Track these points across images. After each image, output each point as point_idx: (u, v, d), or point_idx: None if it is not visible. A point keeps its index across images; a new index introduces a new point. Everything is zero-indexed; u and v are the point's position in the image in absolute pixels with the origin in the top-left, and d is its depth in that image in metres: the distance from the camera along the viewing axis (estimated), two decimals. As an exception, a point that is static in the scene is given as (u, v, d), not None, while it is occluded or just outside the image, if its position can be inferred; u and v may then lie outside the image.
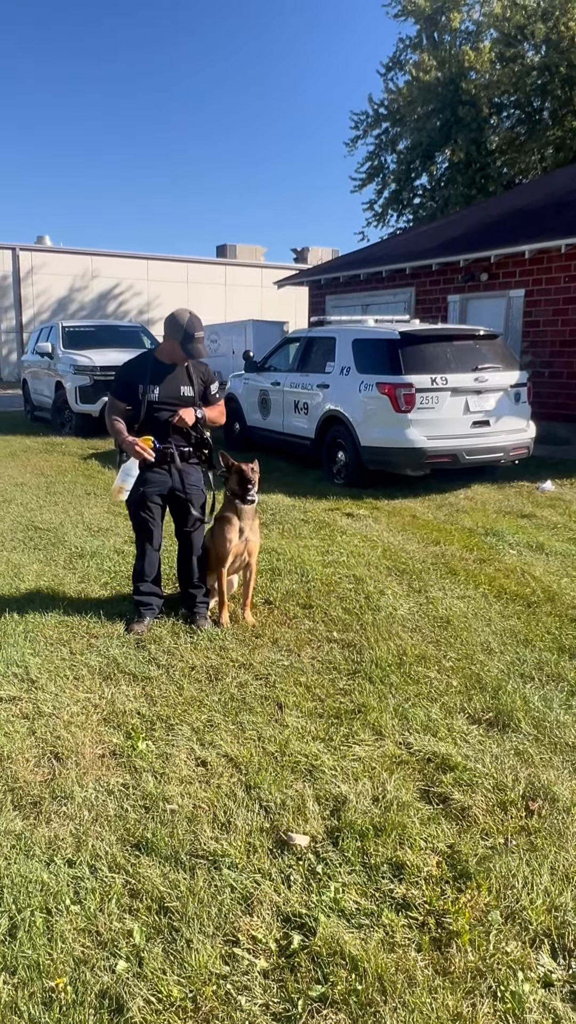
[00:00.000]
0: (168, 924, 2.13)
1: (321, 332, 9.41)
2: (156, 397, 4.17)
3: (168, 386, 4.20)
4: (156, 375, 4.20)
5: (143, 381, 4.18)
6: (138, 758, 2.98)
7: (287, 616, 4.51)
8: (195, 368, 4.30)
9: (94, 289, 33.36)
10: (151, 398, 4.16)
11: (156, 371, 4.21)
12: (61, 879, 2.30)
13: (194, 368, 4.29)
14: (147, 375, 4.19)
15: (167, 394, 4.20)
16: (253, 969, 1.98)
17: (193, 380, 4.27)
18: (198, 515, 4.40)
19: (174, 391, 4.22)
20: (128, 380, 4.24)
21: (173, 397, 4.21)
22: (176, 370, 4.23)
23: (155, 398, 4.17)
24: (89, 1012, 1.84)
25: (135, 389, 4.19)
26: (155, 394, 4.17)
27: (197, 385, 4.29)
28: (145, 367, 4.23)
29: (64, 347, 13.29)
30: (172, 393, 4.21)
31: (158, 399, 4.18)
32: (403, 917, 2.17)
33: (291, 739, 3.13)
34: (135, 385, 4.19)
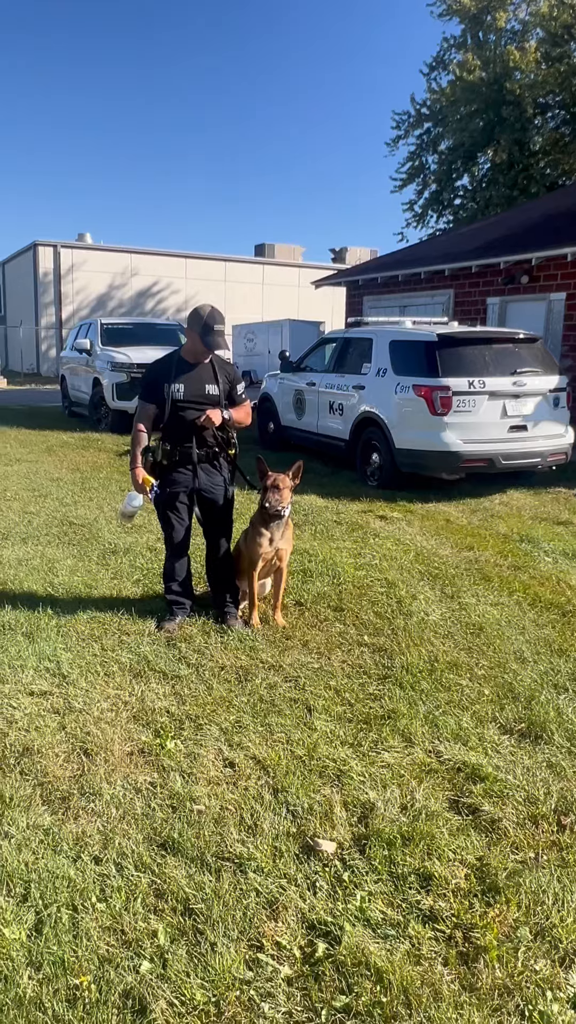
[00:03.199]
0: (192, 926, 2.13)
1: (358, 333, 9.37)
2: (181, 395, 4.15)
3: (193, 384, 4.18)
4: (181, 374, 4.18)
5: (168, 380, 4.17)
6: (166, 757, 2.98)
7: (318, 618, 4.49)
8: (221, 367, 4.28)
9: (133, 287, 33.65)
10: (176, 396, 4.15)
11: (181, 370, 4.19)
12: (87, 876, 2.31)
13: (219, 367, 4.26)
14: (172, 374, 4.18)
15: (192, 392, 4.17)
16: (277, 976, 1.97)
17: (219, 379, 4.23)
18: (222, 516, 4.39)
19: (199, 389, 4.19)
20: (154, 380, 4.24)
21: (198, 396, 4.18)
22: (201, 369, 4.21)
23: (180, 396, 4.15)
24: (112, 1012, 1.84)
25: (161, 388, 4.17)
26: (180, 393, 4.15)
27: (223, 384, 4.25)
28: (170, 366, 4.22)
29: (102, 344, 13.41)
30: (197, 391, 4.18)
31: (183, 398, 4.16)
32: (430, 929, 2.14)
33: (320, 743, 3.11)
34: (160, 384, 4.18)
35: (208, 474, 4.31)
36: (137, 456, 4.18)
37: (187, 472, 4.26)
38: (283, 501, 4.25)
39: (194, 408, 4.18)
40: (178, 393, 4.15)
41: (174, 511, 4.32)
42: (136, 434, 4.23)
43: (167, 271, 34.04)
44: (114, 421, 12.51)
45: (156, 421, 4.23)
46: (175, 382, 4.16)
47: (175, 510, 4.32)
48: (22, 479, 8.60)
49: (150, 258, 33.94)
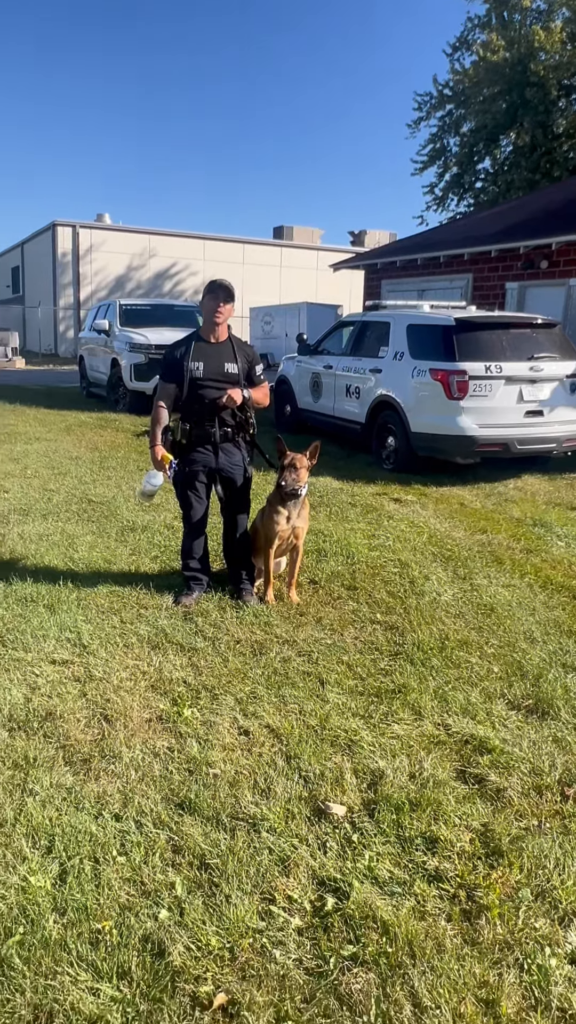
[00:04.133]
0: (208, 879, 2.23)
1: (375, 316, 9.39)
2: (200, 373, 4.21)
3: (212, 363, 4.23)
4: (200, 352, 4.25)
5: (187, 359, 4.23)
6: (183, 724, 3.09)
7: (331, 596, 4.58)
8: (240, 347, 4.34)
9: (151, 268, 33.65)
10: (196, 375, 4.21)
11: (200, 348, 4.26)
12: (108, 832, 2.42)
13: (238, 347, 4.33)
14: (191, 353, 4.24)
15: (211, 371, 4.23)
16: (288, 926, 2.07)
17: (237, 358, 4.29)
18: (240, 495, 4.47)
19: (218, 368, 4.24)
20: (173, 359, 4.30)
21: (217, 374, 4.23)
22: (220, 347, 4.28)
23: (199, 374, 4.21)
24: (133, 954, 1.95)
25: (181, 367, 4.23)
26: (199, 371, 4.21)
27: (241, 363, 4.30)
28: (189, 345, 4.29)
29: (121, 325, 13.48)
30: (216, 370, 4.24)
31: (202, 376, 4.22)
32: (435, 888, 2.23)
33: (331, 714, 3.20)
34: (180, 363, 4.24)
35: (227, 453, 4.37)
36: (157, 435, 4.25)
37: (206, 451, 4.33)
38: (300, 480, 4.33)
39: (213, 387, 4.23)
40: (197, 371, 4.21)
41: (193, 490, 4.39)
42: (156, 412, 4.30)
43: (185, 253, 34.00)
44: (132, 402, 12.60)
45: (176, 400, 4.29)
46: (194, 360, 4.22)
47: (194, 489, 4.39)
48: (41, 457, 8.72)
49: (168, 239, 33.91)
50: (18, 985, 1.86)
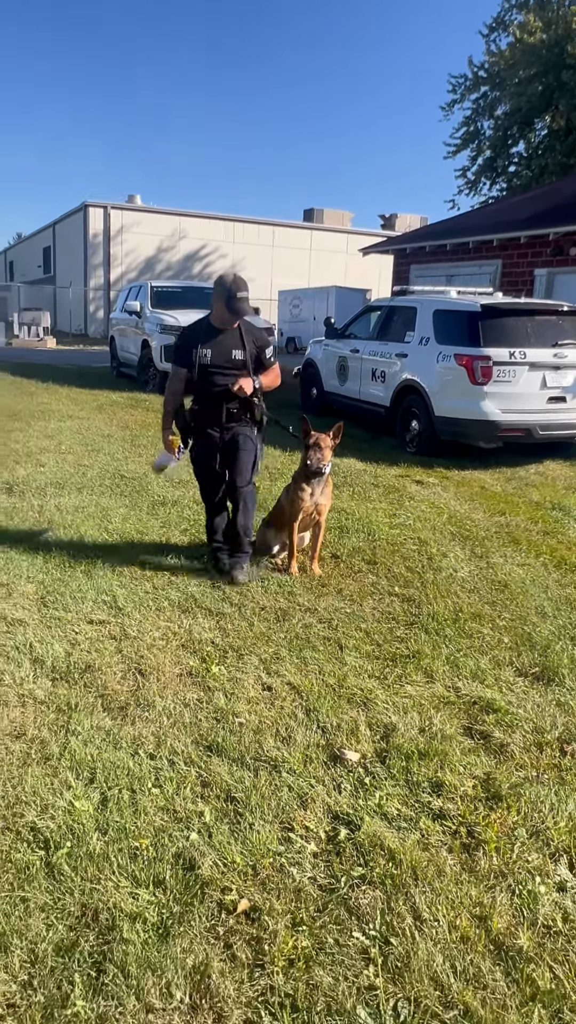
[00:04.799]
0: (234, 810, 2.48)
1: (402, 301, 9.53)
2: (208, 360, 4.31)
3: (219, 349, 4.32)
4: (208, 339, 4.34)
5: (196, 345, 4.33)
6: (211, 679, 3.34)
7: (352, 570, 4.80)
8: (248, 332, 4.40)
9: (181, 250, 33.83)
10: (203, 361, 4.31)
11: (209, 335, 4.35)
12: (144, 768, 2.68)
13: (247, 332, 4.40)
14: (200, 339, 4.34)
15: (218, 358, 4.32)
16: (305, 850, 2.31)
17: (245, 344, 4.37)
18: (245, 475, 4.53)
19: (225, 354, 4.33)
20: (183, 345, 4.41)
21: (225, 361, 4.33)
22: (228, 334, 4.35)
23: (207, 361, 4.31)
24: (166, 866, 2.21)
25: (191, 353, 4.34)
26: (207, 358, 4.31)
27: (250, 349, 4.38)
28: (199, 331, 4.39)
29: (152, 306, 13.72)
30: (223, 357, 4.33)
31: (210, 362, 4.31)
32: (438, 824, 2.46)
33: (349, 675, 3.44)
34: (190, 349, 4.34)
35: (233, 434, 4.50)
36: (168, 421, 4.49)
37: (215, 432, 4.49)
38: (324, 459, 4.53)
39: (221, 373, 4.35)
40: (205, 358, 4.31)
41: (205, 470, 4.59)
42: (168, 397, 4.52)
43: (215, 235, 34.14)
44: (162, 382, 12.79)
45: (188, 384, 4.45)
46: (203, 347, 4.32)
47: (206, 469, 4.58)
48: (75, 435, 9.01)
49: (198, 221, 34.06)
50: (67, 887, 2.12)
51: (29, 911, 2.04)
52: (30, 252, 45.19)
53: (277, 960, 1.92)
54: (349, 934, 2.02)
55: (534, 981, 1.89)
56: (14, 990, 1.82)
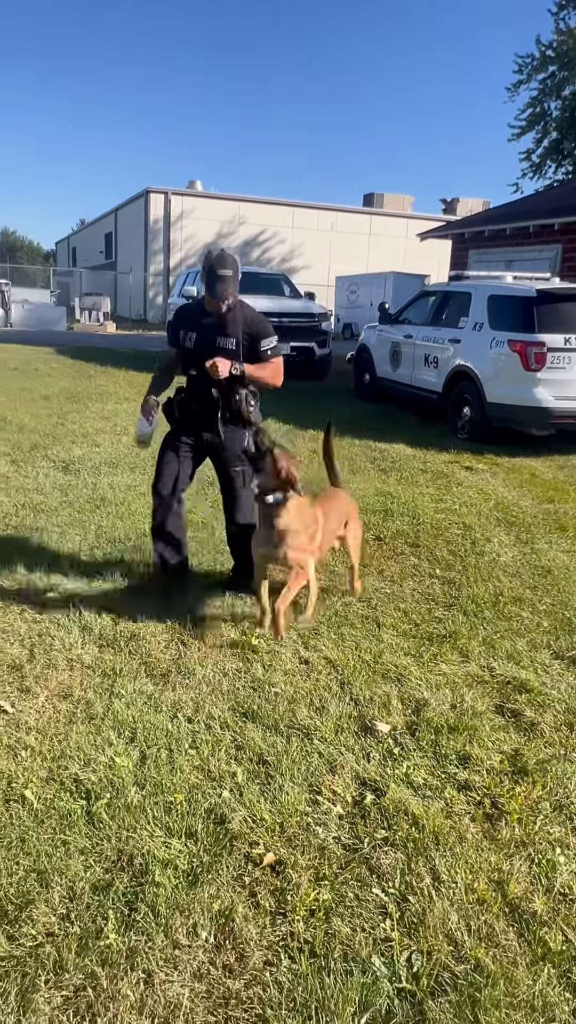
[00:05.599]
0: (265, 772, 2.59)
1: (457, 287, 9.46)
2: (191, 345, 3.85)
3: (204, 335, 3.81)
4: (196, 323, 3.86)
5: (184, 328, 3.89)
6: (250, 651, 3.45)
7: (394, 552, 4.86)
8: (242, 319, 3.80)
9: (240, 235, 33.94)
10: (187, 346, 3.87)
11: (198, 318, 3.86)
12: (182, 730, 2.81)
13: (240, 318, 3.80)
14: (188, 322, 3.89)
15: (202, 343, 3.80)
16: (331, 812, 2.41)
17: (233, 331, 3.78)
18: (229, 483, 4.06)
19: (209, 341, 3.79)
20: (175, 323, 3.98)
21: (208, 347, 3.77)
22: (217, 318, 3.79)
23: (190, 346, 3.86)
24: (199, 820, 2.33)
25: (179, 335, 3.92)
26: (191, 342, 3.85)
27: (241, 338, 3.79)
28: (189, 314, 3.94)
29: (208, 291, 13.86)
30: (207, 343, 3.78)
31: (193, 347, 3.84)
32: (463, 795, 2.53)
33: (385, 652, 3.51)
34: (179, 331, 3.92)
35: (217, 433, 3.92)
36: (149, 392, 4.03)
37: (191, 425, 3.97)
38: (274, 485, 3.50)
39: (203, 361, 3.76)
40: (188, 342, 3.87)
41: (163, 454, 4.08)
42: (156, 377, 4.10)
43: (274, 220, 34.14)
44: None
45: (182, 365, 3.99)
46: (188, 330, 3.88)
47: (164, 454, 4.07)
48: (130, 416, 9.22)
49: (258, 207, 34.10)
50: (105, 834, 2.26)
51: (69, 853, 2.19)
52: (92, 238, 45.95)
53: (298, 910, 2.03)
54: (369, 890, 2.11)
55: (545, 943, 1.96)
56: (53, 921, 1.97)
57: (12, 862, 2.14)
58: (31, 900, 2.02)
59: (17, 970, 1.83)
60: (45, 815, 2.34)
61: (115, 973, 1.83)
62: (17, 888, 2.05)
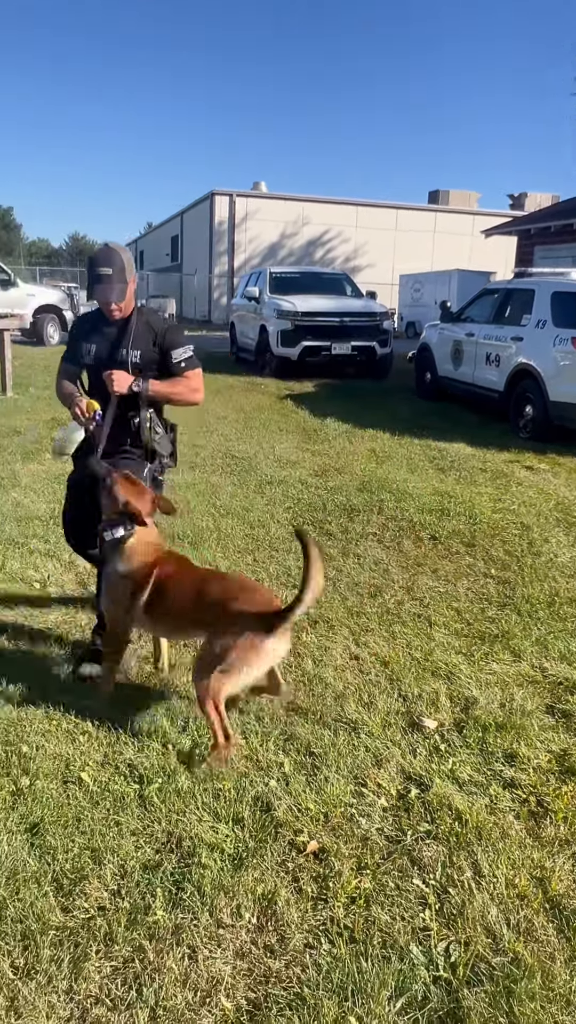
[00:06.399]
0: (311, 763, 2.65)
1: (520, 284, 9.33)
2: (91, 359, 3.30)
3: (103, 347, 3.28)
4: (96, 332, 3.31)
5: (83, 340, 3.34)
6: (302, 646, 3.51)
7: (449, 551, 4.85)
8: (148, 327, 3.28)
9: (304, 235, 34.03)
10: (87, 360, 3.32)
11: (98, 327, 3.31)
12: (232, 720, 2.88)
13: (145, 327, 3.27)
14: (88, 333, 3.34)
15: (101, 356, 3.27)
16: (375, 804, 2.45)
17: (135, 341, 3.24)
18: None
19: (110, 353, 3.26)
20: (74, 336, 3.42)
21: (107, 360, 3.25)
22: (116, 328, 3.27)
23: (91, 360, 3.30)
24: (246, 807, 2.41)
25: (79, 347, 3.35)
26: (90, 355, 3.30)
27: (146, 349, 3.26)
28: (92, 322, 3.37)
29: (270, 292, 13.99)
30: (108, 355, 3.26)
31: (92, 362, 3.30)
32: (508, 792, 2.54)
33: (436, 650, 3.52)
34: (79, 342, 3.36)
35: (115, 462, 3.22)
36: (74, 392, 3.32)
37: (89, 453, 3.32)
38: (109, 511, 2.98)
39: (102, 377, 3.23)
40: (89, 356, 3.31)
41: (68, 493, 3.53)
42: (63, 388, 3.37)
43: (338, 219, 34.10)
44: (277, 367, 13.13)
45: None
46: (88, 341, 3.31)
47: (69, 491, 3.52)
48: (192, 416, 9.38)
49: (321, 206, 34.11)
50: (156, 817, 2.36)
51: (122, 833, 2.29)
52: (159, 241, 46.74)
53: (340, 897, 2.08)
54: (409, 880, 2.15)
55: (586, 940, 1.96)
56: (105, 896, 2.07)
57: (68, 839, 2.25)
58: (85, 876, 2.13)
59: (70, 940, 1.93)
60: (100, 797, 2.45)
61: (161, 947, 1.91)
62: (72, 864, 2.16)
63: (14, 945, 1.91)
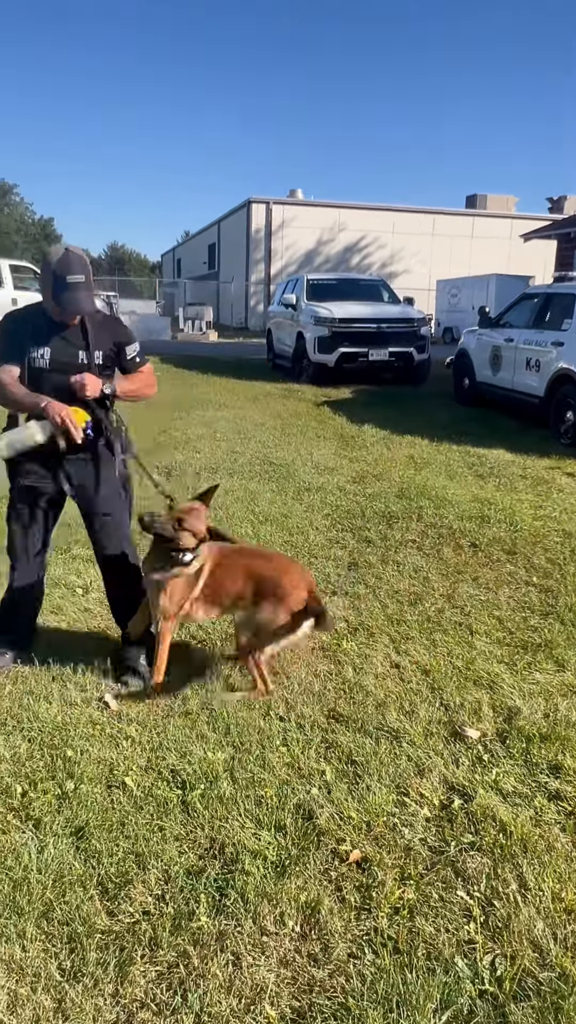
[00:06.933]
0: (353, 772, 2.64)
1: (560, 288, 9.23)
2: (46, 363, 3.09)
3: (60, 349, 3.10)
4: (45, 334, 3.10)
5: (28, 341, 3.09)
6: (342, 654, 3.51)
7: (490, 559, 4.80)
8: (102, 327, 3.19)
9: (340, 242, 34.08)
10: (40, 364, 3.09)
11: (45, 329, 3.10)
12: (274, 728, 2.89)
13: (100, 327, 3.18)
14: (33, 334, 3.10)
15: (59, 360, 3.09)
16: (418, 814, 2.44)
17: (93, 342, 3.14)
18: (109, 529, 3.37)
19: (68, 356, 3.10)
20: (15, 336, 3.12)
21: (66, 364, 3.09)
22: (70, 330, 3.11)
23: (44, 364, 3.09)
24: (287, 814, 2.41)
25: (23, 348, 3.09)
26: (44, 359, 3.09)
27: (104, 349, 3.17)
28: (33, 323, 3.13)
29: (307, 299, 14.03)
30: (65, 358, 3.09)
31: (47, 367, 3.09)
32: (553, 804, 2.50)
33: (477, 659, 3.49)
34: (23, 344, 3.10)
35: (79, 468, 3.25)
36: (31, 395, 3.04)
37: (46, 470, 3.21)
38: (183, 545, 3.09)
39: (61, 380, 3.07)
40: (42, 360, 3.09)
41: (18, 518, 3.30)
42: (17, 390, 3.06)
43: (374, 225, 34.08)
44: (314, 374, 13.15)
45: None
46: (37, 344, 3.09)
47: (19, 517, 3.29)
48: (229, 423, 9.46)
49: (358, 212, 34.14)
50: (199, 823, 2.37)
51: (165, 839, 2.31)
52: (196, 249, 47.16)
53: (383, 907, 2.07)
54: (453, 892, 2.13)
55: None
56: (150, 901, 2.08)
57: (113, 843, 2.28)
58: (129, 880, 2.15)
59: (116, 943, 1.95)
60: (144, 802, 2.47)
61: (205, 953, 1.92)
62: (117, 868, 2.19)
63: (61, 947, 1.94)
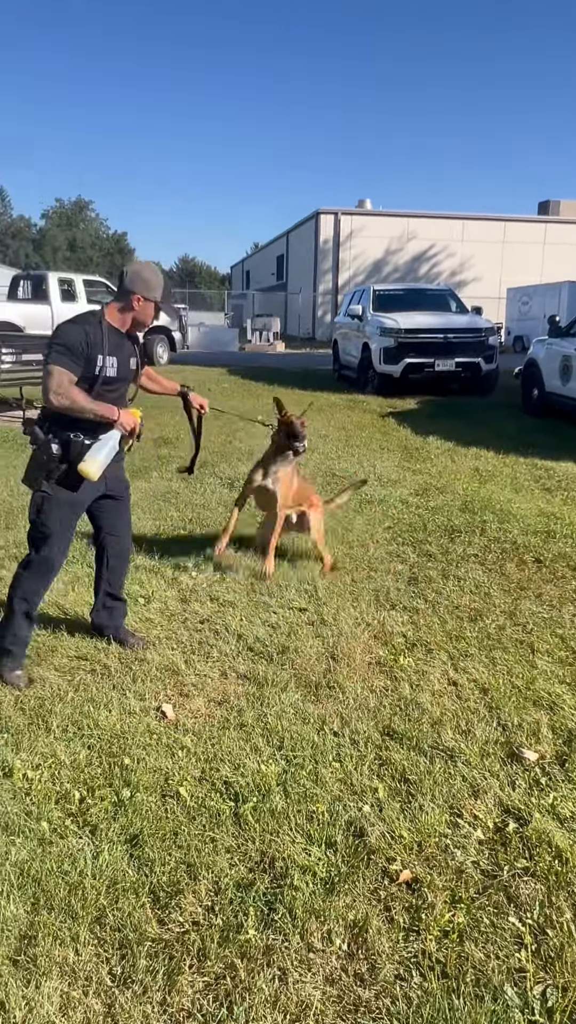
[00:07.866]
0: (406, 791, 2.62)
1: None
2: (114, 373, 3.24)
3: (122, 359, 3.27)
4: (112, 345, 3.21)
5: (95, 351, 3.15)
6: (399, 670, 3.49)
7: (555, 575, 4.70)
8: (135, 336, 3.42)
9: (408, 251, 33.94)
10: (109, 373, 3.21)
11: (111, 340, 3.21)
12: (327, 743, 2.90)
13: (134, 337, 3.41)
14: (100, 343, 3.16)
15: (122, 369, 3.28)
16: (471, 836, 2.40)
17: (138, 350, 3.41)
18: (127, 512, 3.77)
19: (128, 363, 3.33)
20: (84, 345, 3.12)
21: (125, 374, 3.33)
22: (126, 340, 3.32)
23: (113, 374, 3.23)
24: (338, 831, 2.41)
25: (94, 360, 3.15)
26: (113, 368, 3.23)
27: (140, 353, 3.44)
28: (94, 332, 3.16)
29: (374, 310, 14.01)
30: (128, 366, 3.33)
31: (116, 375, 3.26)
32: (613, 832, 2.43)
33: (538, 678, 3.42)
34: (94, 354, 3.15)
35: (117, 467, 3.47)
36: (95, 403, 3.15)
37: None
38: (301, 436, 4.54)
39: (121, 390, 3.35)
40: (111, 369, 3.22)
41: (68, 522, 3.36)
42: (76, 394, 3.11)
43: (443, 234, 33.83)
44: (380, 384, 13.11)
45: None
46: (107, 354, 3.18)
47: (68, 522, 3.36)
48: (294, 434, 9.50)
49: (426, 221, 33.95)
50: (250, 835, 2.39)
51: (216, 850, 2.34)
52: (265, 260, 47.67)
53: (432, 929, 2.05)
54: (505, 918, 2.09)
55: None
56: (199, 912, 2.11)
57: (166, 853, 2.32)
58: (180, 890, 2.18)
59: (165, 952, 1.98)
60: (197, 812, 2.50)
61: (252, 967, 1.94)
62: (169, 877, 2.23)
63: (112, 953, 1.98)
